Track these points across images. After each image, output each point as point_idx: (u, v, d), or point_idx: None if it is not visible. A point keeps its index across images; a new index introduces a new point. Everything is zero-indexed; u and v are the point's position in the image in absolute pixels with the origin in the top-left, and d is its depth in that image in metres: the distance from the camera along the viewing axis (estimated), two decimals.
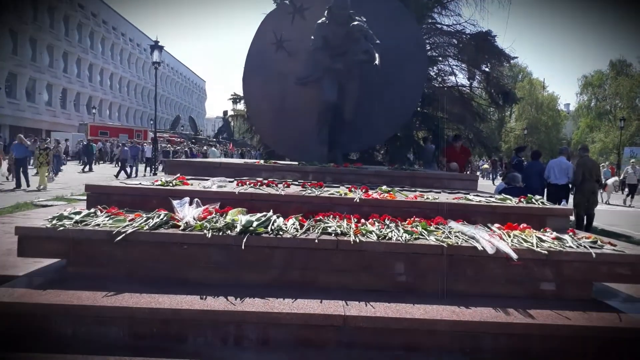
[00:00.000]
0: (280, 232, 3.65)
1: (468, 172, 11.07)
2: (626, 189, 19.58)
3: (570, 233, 4.18)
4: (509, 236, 3.82)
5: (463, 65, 15.49)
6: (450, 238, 3.71)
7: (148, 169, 24.08)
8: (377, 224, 4.01)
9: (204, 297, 3.22)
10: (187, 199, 4.12)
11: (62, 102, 46.08)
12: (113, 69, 55.81)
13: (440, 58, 15.44)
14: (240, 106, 17.66)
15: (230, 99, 16.53)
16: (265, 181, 5.23)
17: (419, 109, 13.54)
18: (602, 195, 18.92)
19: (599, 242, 3.96)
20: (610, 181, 19.48)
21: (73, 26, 46.86)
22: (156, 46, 19.27)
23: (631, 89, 44.58)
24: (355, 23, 7.09)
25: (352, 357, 3.01)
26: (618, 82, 46.02)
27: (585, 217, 9.72)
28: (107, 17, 54.06)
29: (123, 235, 3.45)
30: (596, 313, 3.42)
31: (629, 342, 3.22)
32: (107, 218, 3.79)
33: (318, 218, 4.06)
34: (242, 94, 14.79)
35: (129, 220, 3.72)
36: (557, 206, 5.33)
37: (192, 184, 4.87)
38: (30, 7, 39.86)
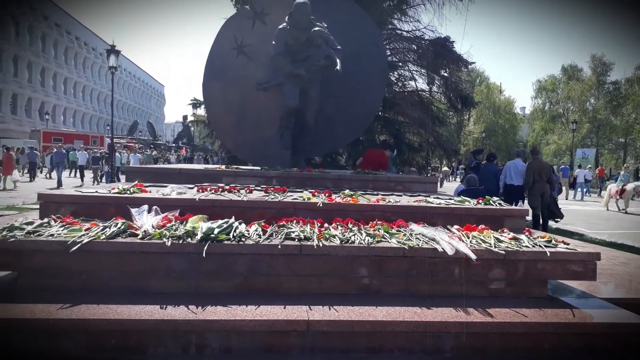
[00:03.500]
0: (243, 239, 3.61)
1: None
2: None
3: (527, 233, 4.31)
4: (468, 237, 3.91)
5: (423, 70, 15.79)
6: (412, 240, 3.77)
7: (79, 176, 21.61)
8: (340, 227, 4.02)
9: (164, 306, 3.14)
10: (145, 206, 4.02)
11: (12, 107, 44.22)
12: (67, 74, 54.01)
13: (400, 63, 15.71)
14: (201, 111, 17.52)
15: (190, 103, 16.38)
16: (227, 187, 5.16)
17: (380, 113, 13.72)
18: (617, 203, 17.46)
19: (553, 241, 4.10)
20: (629, 186, 17.48)
21: (24, 29, 45.10)
22: (112, 50, 18.75)
23: (582, 93, 46.61)
24: (317, 28, 7.11)
25: None
26: (570, 86, 48.02)
27: (541, 216, 10.08)
28: (61, 20, 52.32)
29: (79, 245, 3.33)
30: (551, 310, 3.54)
31: (581, 337, 3.35)
32: (62, 228, 3.65)
33: (281, 223, 4.04)
34: (202, 99, 14.66)
35: (85, 230, 3.59)
36: (514, 207, 5.50)
37: (150, 191, 4.76)
38: None
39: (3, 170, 17.83)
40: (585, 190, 23.21)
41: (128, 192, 4.52)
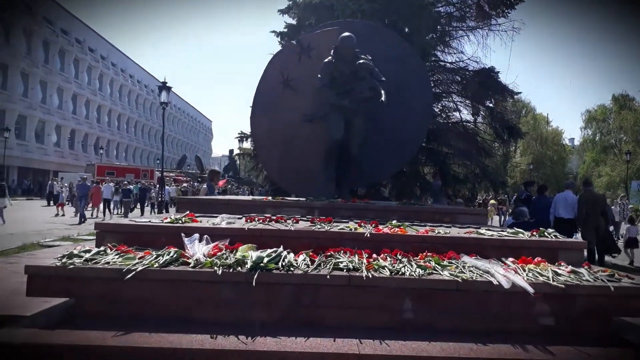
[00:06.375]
0: (291, 268, 3.60)
1: None
2: None
3: (586, 267, 4.10)
4: (524, 270, 3.75)
5: (467, 101, 15.65)
6: (465, 273, 3.65)
7: (107, 211, 20.27)
8: (389, 259, 3.94)
9: (215, 336, 3.14)
10: (196, 235, 4.09)
11: (70, 143, 46.74)
12: (121, 110, 56.86)
13: (444, 94, 15.63)
14: (247, 144, 17.87)
15: (237, 137, 16.73)
16: (274, 217, 5.20)
17: (424, 144, 13.60)
18: None
19: (616, 276, 3.88)
20: None
21: (83, 68, 48.09)
22: (164, 87, 19.55)
23: (635, 122, 44.65)
24: (361, 61, 7.21)
25: None
26: (622, 116, 46.17)
27: (596, 251, 9.57)
28: (115, 59, 55.52)
29: (133, 272, 3.41)
30: (616, 349, 3.32)
31: None
32: (117, 256, 3.76)
33: (329, 254, 4.00)
34: (248, 132, 15.01)
35: (139, 258, 3.68)
36: (570, 239, 5.26)
37: (201, 221, 4.85)
38: (42, 50, 41.05)
39: (93, 202, 19.71)
40: None
41: (180, 221, 4.63)
